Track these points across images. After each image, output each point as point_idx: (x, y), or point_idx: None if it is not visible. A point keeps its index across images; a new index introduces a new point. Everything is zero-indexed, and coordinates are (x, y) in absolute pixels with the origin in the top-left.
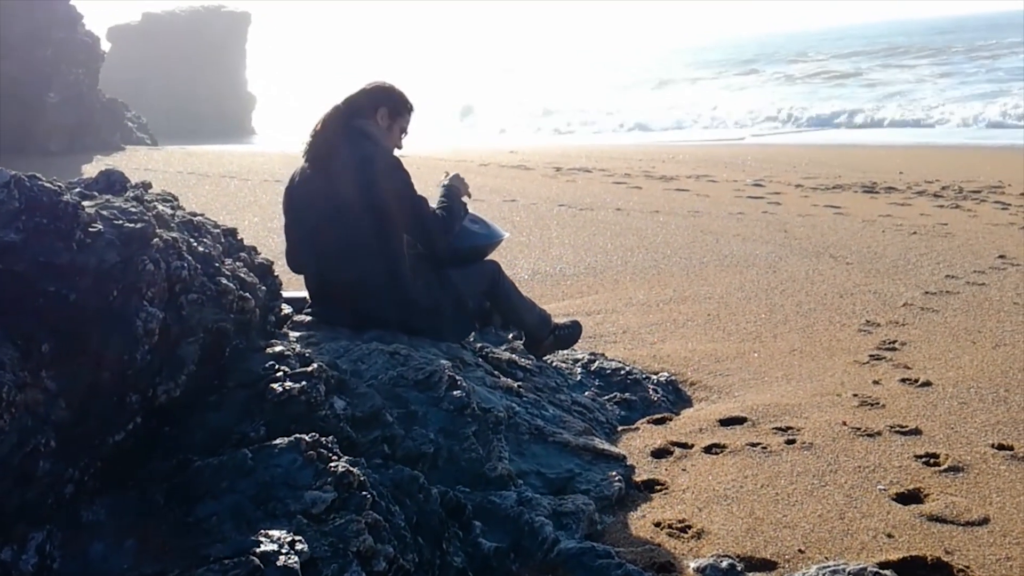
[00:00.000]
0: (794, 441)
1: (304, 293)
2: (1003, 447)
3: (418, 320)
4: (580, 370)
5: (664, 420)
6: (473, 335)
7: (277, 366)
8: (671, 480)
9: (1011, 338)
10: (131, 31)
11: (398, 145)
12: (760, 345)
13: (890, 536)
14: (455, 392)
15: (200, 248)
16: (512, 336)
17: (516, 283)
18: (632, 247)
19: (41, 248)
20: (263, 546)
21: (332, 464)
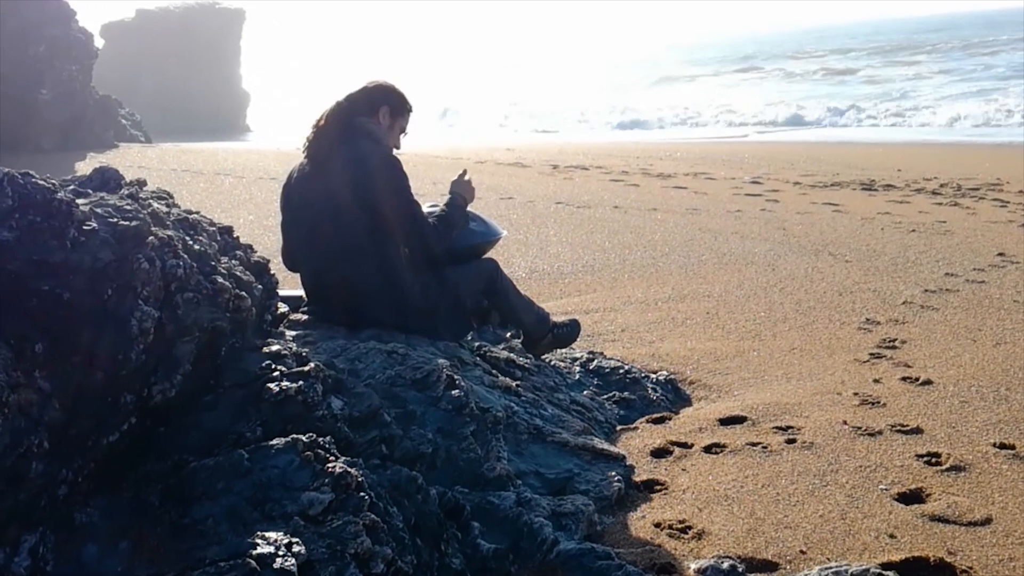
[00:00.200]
0: (795, 440)
1: (301, 292)
2: (1005, 446)
3: (415, 319)
4: (579, 369)
5: (663, 419)
6: (471, 334)
7: (273, 365)
8: (671, 480)
9: (1012, 336)
10: (125, 28)
11: (397, 145)
12: (759, 343)
13: (892, 536)
14: (453, 391)
15: (196, 246)
16: (510, 335)
17: (514, 281)
18: (630, 245)
19: (34, 246)
20: (259, 548)
21: (329, 465)
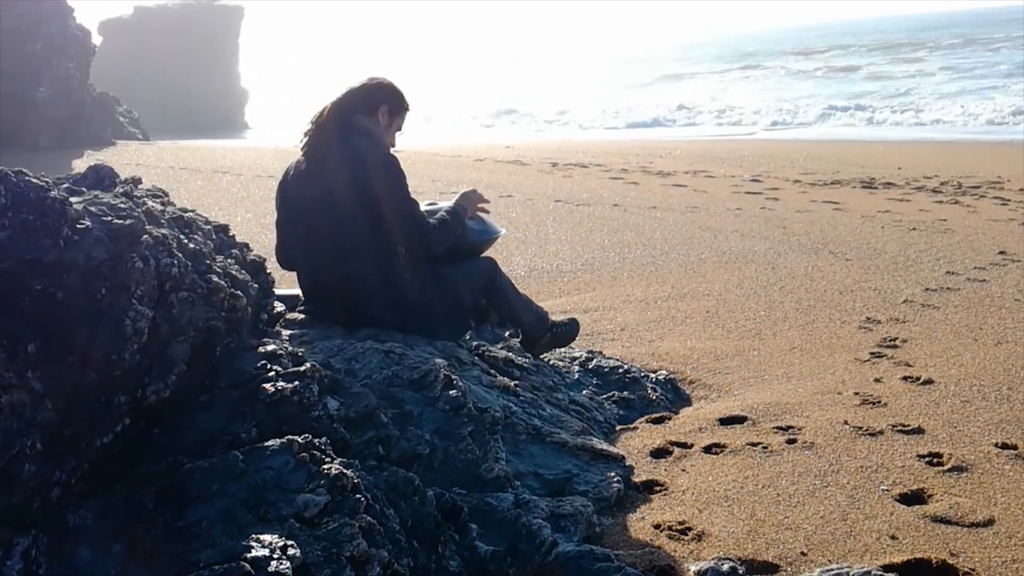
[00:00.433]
0: (795, 440)
1: (297, 291)
2: (1007, 446)
3: (413, 318)
4: (578, 368)
5: (663, 419)
6: (469, 333)
7: (269, 365)
8: (671, 481)
9: (1013, 335)
10: (123, 25)
11: (393, 143)
12: (760, 343)
13: (894, 538)
14: (451, 392)
15: (191, 245)
16: (509, 334)
17: (513, 280)
18: (630, 243)
19: (27, 245)
20: (254, 551)
21: (325, 466)
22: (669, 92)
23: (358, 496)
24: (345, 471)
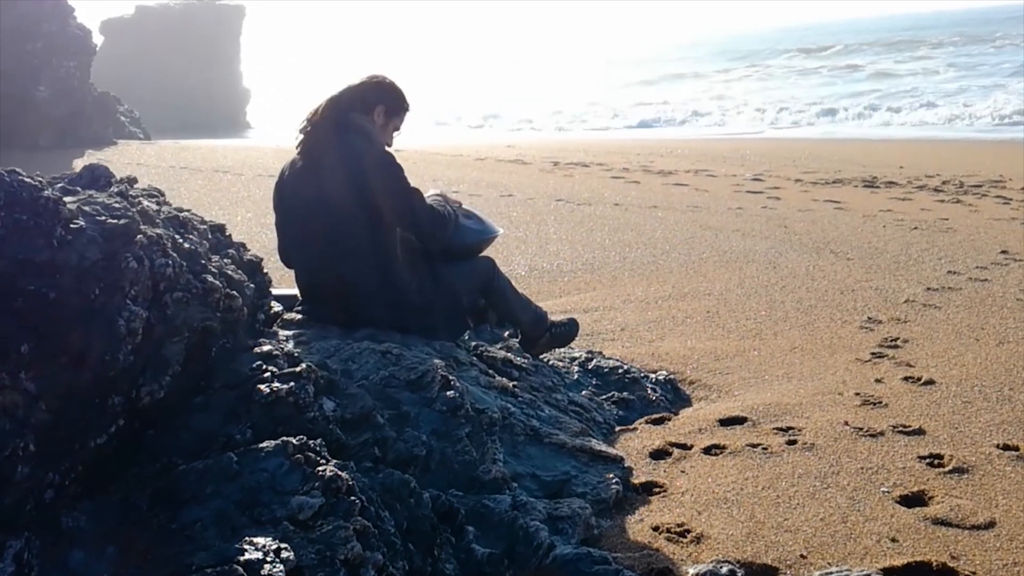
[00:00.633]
0: (795, 442)
1: (295, 290)
2: (1008, 447)
3: (411, 318)
4: (577, 369)
5: (663, 420)
6: (468, 333)
7: (264, 366)
8: (670, 482)
9: (1015, 335)
10: (124, 24)
11: (389, 143)
12: (760, 343)
13: (894, 540)
14: (448, 392)
15: (186, 245)
16: (508, 334)
17: (512, 280)
18: (630, 243)
19: (20, 245)
20: (247, 554)
21: (320, 468)
22: (672, 91)
23: (353, 498)
24: (340, 473)
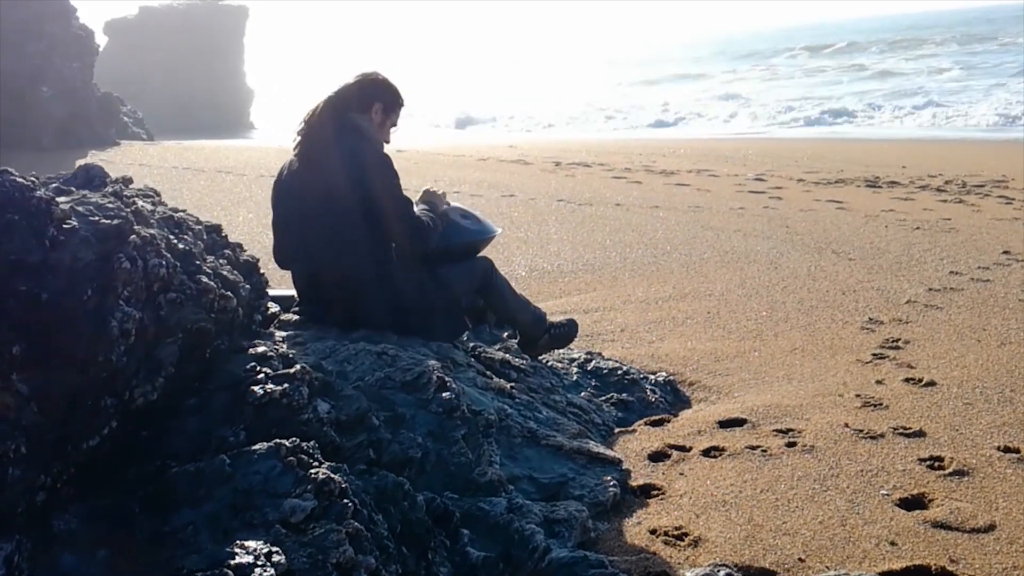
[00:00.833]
0: (795, 444)
1: (292, 291)
2: (1009, 449)
3: (409, 319)
4: (576, 370)
5: (662, 422)
6: (467, 334)
7: (259, 368)
8: (668, 485)
9: (1016, 336)
10: (128, 25)
11: (387, 140)
12: (761, 344)
13: (893, 544)
14: (444, 394)
15: (180, 245)
16: (507, 335)
17: (513, 280)
18: (631, 243)
19: (12, 246)
20: (238, 558)
21: (312, 471)
22: (675, 92)
23: (345, 501)
24: (332, 476)
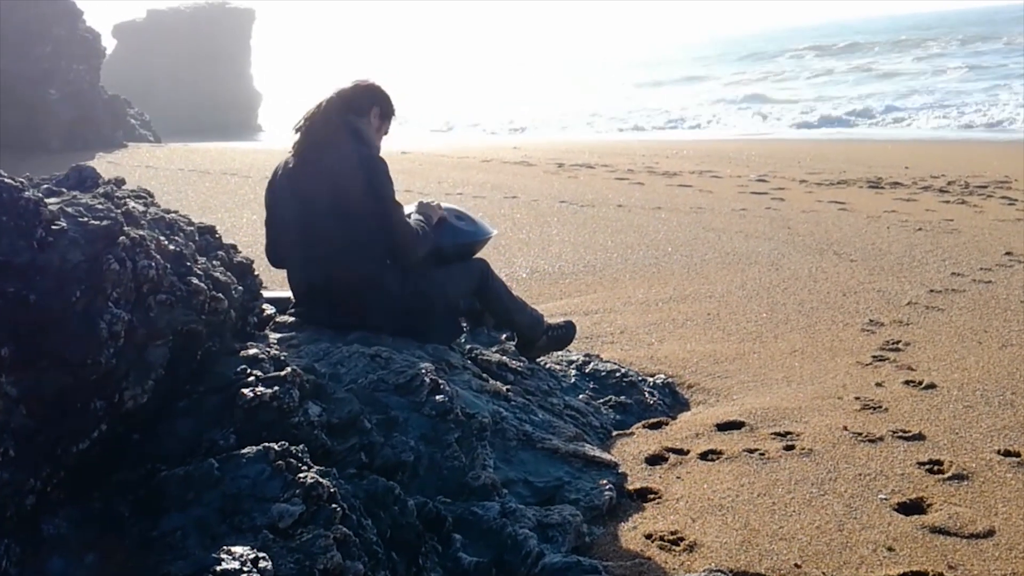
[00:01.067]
0: (793, 447)
1: (289, 293)
2: (1010, 453)
3: (405, 321)
4: (574, 372)
5: (660, 424)
6: (464, 336)
7: (249, 370)
8: (664, 488)
9: (1018, 338)
10: (136, 28)
11: (379, 146)
12: (760, 346)
13: (891, 549)
14: (437, 396)
15: (171, 247)
16: (505, 337)
17: (514, 281)
18: (633, 244)
19: (0, 247)
20: (224, 564)
21: (301, 475)
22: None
23: (334, 506)
24: (321, 480)
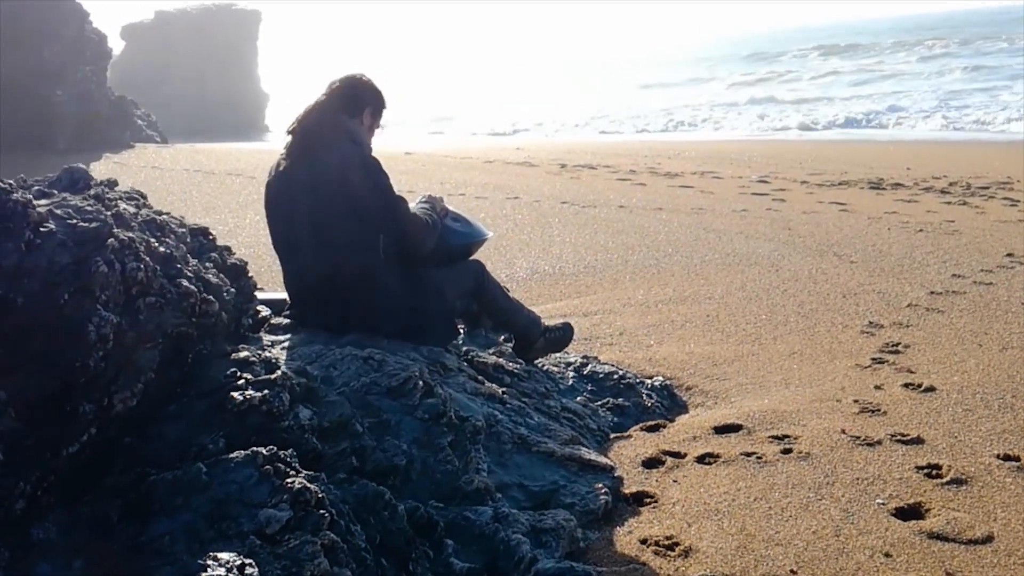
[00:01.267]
0: (790, 450)
1: (284, 295)
2: (1009, 457)
3: (400, 323)
4: (572, 374)
5: (658, 427)
6: (461, 338)
7: (239, 373)
8: (661, 492)
9: (1019, 341)
10: (144, 29)
11: (370, 144)
12: (759, 348)
13: (888, 555)
14: (430, 399)
15: (161, 248)
16: (503, 339)
17: (514, 282)
18: (633, 245)
19: None
20: (211, 570)
21: (288, 480)
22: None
23: (322, 512)
24: (309, 485)
